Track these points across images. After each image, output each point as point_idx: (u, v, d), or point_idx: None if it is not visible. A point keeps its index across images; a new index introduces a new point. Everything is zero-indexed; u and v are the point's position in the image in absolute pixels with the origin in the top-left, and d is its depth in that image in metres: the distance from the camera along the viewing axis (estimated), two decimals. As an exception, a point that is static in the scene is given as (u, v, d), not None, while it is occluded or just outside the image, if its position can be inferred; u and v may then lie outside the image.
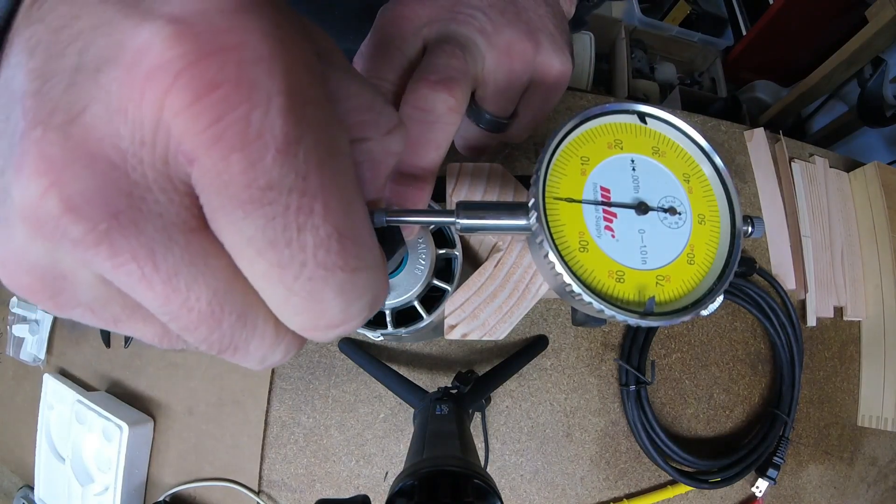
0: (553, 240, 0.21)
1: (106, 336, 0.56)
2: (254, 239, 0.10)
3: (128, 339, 0.56)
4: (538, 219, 0.21)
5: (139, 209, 0.10)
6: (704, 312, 0.22)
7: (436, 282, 0.30)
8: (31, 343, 0.58)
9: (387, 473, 0.52)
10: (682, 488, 0.53)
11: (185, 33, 0.09)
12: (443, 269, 0.31)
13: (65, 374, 0.58)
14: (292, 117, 0.10)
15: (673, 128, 0.25)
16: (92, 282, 0.11)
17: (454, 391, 0.44)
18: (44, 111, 0.10)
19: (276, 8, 0.11)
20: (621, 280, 0.22)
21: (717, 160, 0.25)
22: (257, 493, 0.51)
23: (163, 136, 0.10)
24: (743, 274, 0.58)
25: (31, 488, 0.55)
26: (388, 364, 0.50)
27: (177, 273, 0.11)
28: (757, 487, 0.55)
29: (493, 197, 0.29)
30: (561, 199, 0.22)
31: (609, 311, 0.21)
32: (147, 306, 0.11)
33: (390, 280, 0.29)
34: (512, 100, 0.28)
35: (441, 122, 0.22)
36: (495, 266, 0.28)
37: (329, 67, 0.14)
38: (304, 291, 0.11)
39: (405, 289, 0.29)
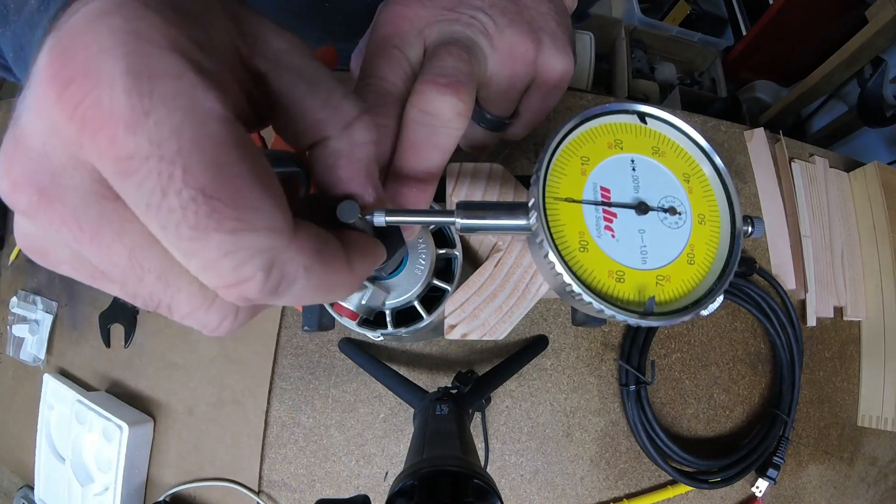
0: (553, 240, 0.21)
1: (106, 336, 0.56)
2: (137, 204, 0.12)
3: (128, 339, 0.56)
4: (538, 219, 0.21)
5: (60, 184, 0.13)
6: (704, 312, 0.22)
7: (436, 282, 0.30)
8: (31, 343, 0.58)
9: (387, 473, 0.52)
10: (682, 488, 0.53)
11: (57, 44, 0.12)
12: (443, 269, 0.31)
13: (65, 374, 0.58)
14: (136, 92, 0.11)
15: (673, 128, 0.25)
16: (60, 244, 0.14)
17: (454, 391, 0.44)
18: (11, 117, 0.13)
19: (143, 4, 0.12)
20: (621, 280, 0.22)
21: (717, 160, 0.25)
22: (257, 493, 0.51)
23: (58, 127, 0.12)
24: (743, 274, 0.58)
25: (31, 488, 0.55)
26: (388, 364, 0.50)
27: (98, 232, 0.13)
28: (757, 487, 0.55)
29: (493, 197, 0.29)
30: (561, 199, 0.22)
31: (609, 311, 0.21)
32: (92, 263, 0.14)
33: (390, 280, 0.29)
34: (514, 100, 0.28)
35: (448, 126, 0.22)
36: (495, 266, 0.28)
37: (277, 64, 0.16)
38: (189, 250, 0.12)
39: (405, 289, 0.29)
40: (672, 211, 0.23)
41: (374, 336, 0.30)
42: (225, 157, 0.12)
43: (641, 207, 0.23)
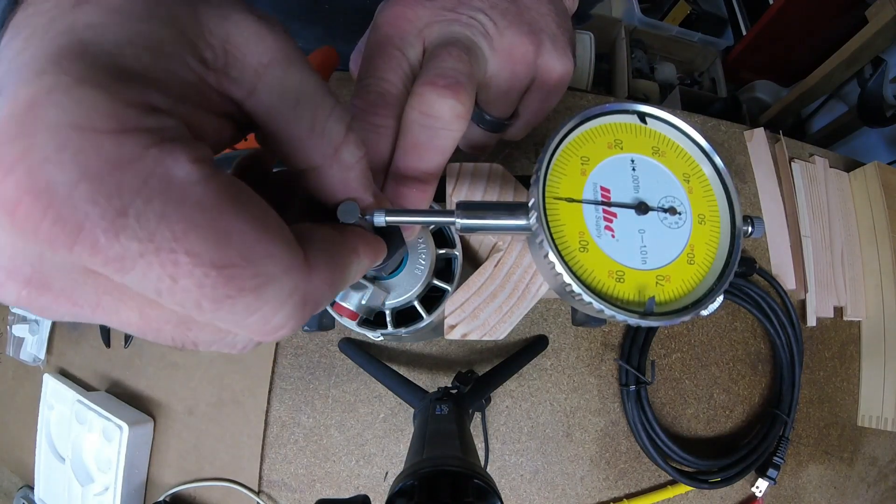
0: (553, 240, 0.21)
1: (106, 336, 0.56)
2: (144, 290, 0.11)
3: (128, 339, 0.56)
4: (538, 219, 0.21)
5: (43, 272, 0.12)
6: (704, 312, 0.22)
7: (436, 282, 0.30)
8: (31, 343, 0.58)
9: (387, 473, 0.52)
10: (682, 488, 0.53)
11: None
12: (443, 269, 0.31)
13: (65, 374, 0.58)
14: (101, 196, 0.10)
15: (673, 128, 0.25)
16: (65, 315, 0.14)
17: (454, 391, 0.44)
18: None
19: (78, 79, 0.11)
20: (621, 280, 0.22)
21: (717, 160, 0.25)
22: (257, 493, 0.51)
23: (24, 245, 0.11)
24: (743, 274, 0.58)
25: (31, 488, 0.55)
26: (388, 364, 0.50)
27: (98, 304, 0.13)
28: (757, 487, 0.55)
29: (493, 197, 0.29)
30: (561, 198, 0.22)
31: (609, 311, 0.21)
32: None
33: (390, 280, 0.29)
34: (513, 102, 0.28)
35: (447, 128, 0.22)
36: (495, 266, 0.28)
37: (256, 88, 0.14)
38: (215, 318, 0.12)
39: (405, 289, 0.29)
40: (672, 211, 0.23)
41: (374, 336, 0.30)
42: (222, 220, 0.11)
43: (641, 207, 0.23)
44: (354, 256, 0.16)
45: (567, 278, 0.21)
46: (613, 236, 0.22)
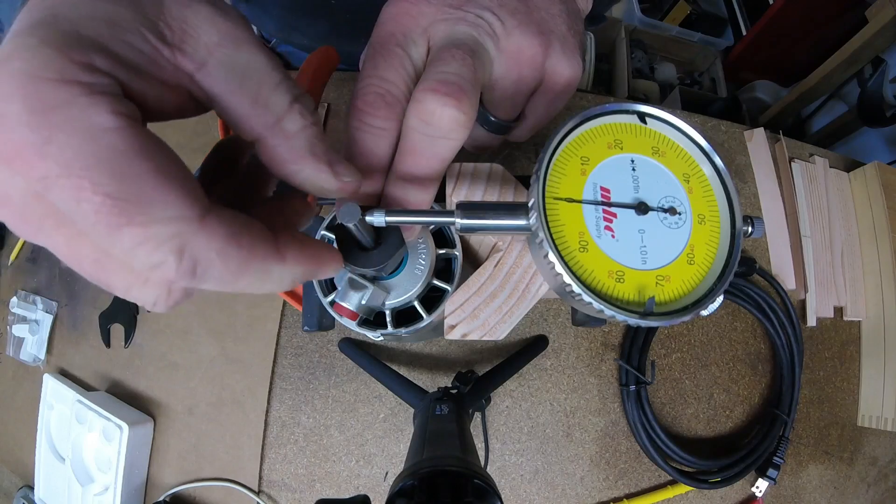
0: (553, 240, 0.21)
1: (106, 336, 0.56)
2: (62, 209, 0.14)
3: (128, 339, 0.56)
4: (538, 219, 0.21)
5: (5, 191, 0.15)
6: (704, 312, 0.22)
7: (436, 282, 0.30)
8: (31, 343, 0.58)
9: (387, 473, 0.52)
10: (682, 488, 0.53)
11: None
12: (443, 269, 0.31)
13: (65, 374, 0.58)
14: (36, 125, 0.13)
15: (673, 128, 0.25)
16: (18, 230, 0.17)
17: (454, 391, 0.44)
18: None
19: (41, 40, 0.14)
20: (621, 280, 0.22)
21: (717, 160, 0.25)
22: (257, 493, 0.51)
23: None
24: (743, 274, 0.58)
25: (31, 488, 0.55)
26: (388, 364, 0.50)
27: (41, 225, 0.15)
28: (757, 487, 0.55)
29: (493, 197, 0.29)
30: (561, 199, 0.22)
31: (609, 311, 0.21)
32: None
33: (390, 280, 0.29)
34: (519, 104, 0.28)
35: (447, 137, 0.21)
36: (495, 266, 0.28)
37: (208, 61, 0.17)
38: (110, 245, 0.15)
39: (405, 289, 0.29)
40: (672, 211, 0.23)
41: (374, 336, 0.30)
42: (125, 162, 0.14)
43: (641, 207, 0.23)
44: (267, 247, 0.17)
45: (567, 278, 0.21)
46: (613, 236, 0.22)
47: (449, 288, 0.30)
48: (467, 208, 0.21)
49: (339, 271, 0.21)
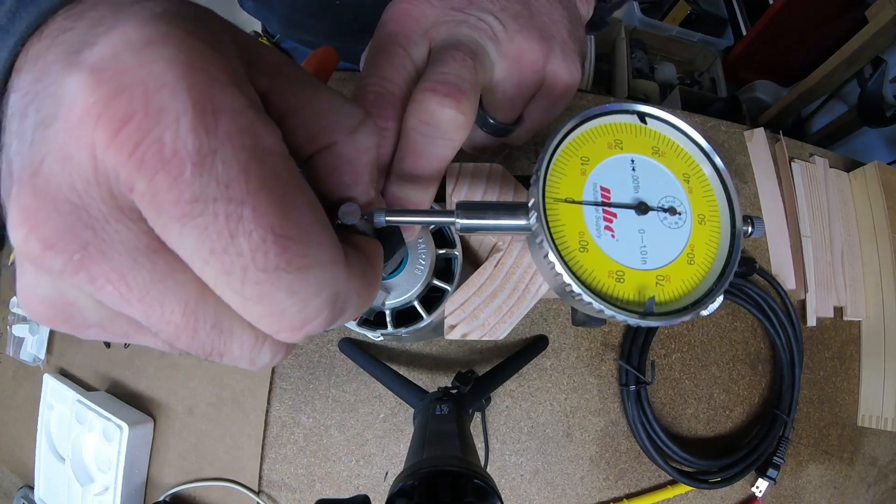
0: (553, 240, 0.21)
1: (106, 336, 0.56)
2: (197, 250, 0.11)
3: (128, 339, 0.56)
4: (538, 219, 0.21)
5: (103, 239, 0.11)
6: (704, 312, 0.22)
7: (436, 282, 0.30)
8: (31, 343, 0.58)
9: (387, 473, 0.52)
10: (682, 488, 0.53)
11: (100, 78, 0.11)
12: (443, 269, 0.31)
13: (65, 374, 0.58)
14: (202, 130, 0.11)
15: (673, 128, 0.25)
16: (94, 305, 0.13)
17: (454, 391, 0.44)
18: (18, 168, 0.11)
19: (188, 32, 0.11)
20: (621, 280, 0.22)
21: (717, 160, 0.25)
22: (257, 493, 0.51)
23: (102, 172, 0.11)
24: (743, 274, 0.58)
25: (31, 488, 0.55)
26: (388, 364, 0.50)
27: (148, 290, 0.12)
28: (757, 487, 0.55)
29: (493, 197, 0.29)
30: (561, 199, 0.22)
31: (609, 311, 0.21)
32: (138, 320, 0.13)
33: (390, 280, 0.29)
34: (518, 107, 0.28)
35: (446, 138, 0.21)
36: (495, 266, 0.28)
37: (277, 79, 0.15)
38: (255, 295, 0.12)
39: (405, 289, 0.29)
40: (672, 211, 0.23)
41: (374, 336, 0.30)
42: (289, 193, 0.12)
43: (641, 207, 0.23)
44: (375, 274, 0.16)
45: (567, 278, 0.21)
46: (613, 236, 0.22)
47: (449, 288, 0.30)
48: (467, 208, 0.21)
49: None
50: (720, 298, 0.23)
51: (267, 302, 0.12)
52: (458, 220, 0.21)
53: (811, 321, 0.60)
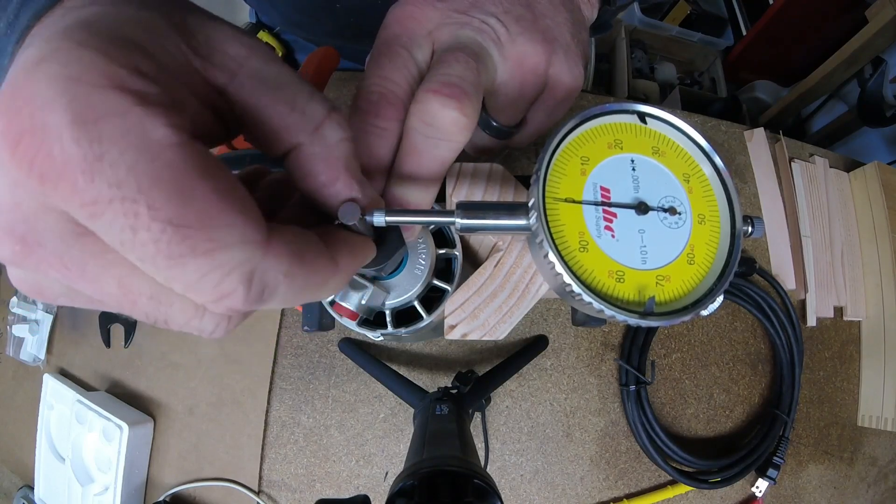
0: (553, 240, 0.21)
1: (106, 336, 0.56)
2: (111, 241, 0.12)
3: (128, 339, 0.56)
4: (538, 219, 0.21)
5: (37, 230, 0.13)
6: (704, 312, 0.22)
7: (436, 282, 0.30)
8: (31, 343, 0.58)
9: (387, 473, 0.52)
10: (682, 488, 0.53)
11: (2, 100, 0.12)
12: (443, 269, 0.31)
13: (65, 374, 0.58)
14: (85, 139, 0.11)
15: (673, 128, 0.25)
16: (52, 281, 0.15)
17: (454, 391, 0.44)
18: None
19: (78, 43, 0.12)
20: (621, 280, 0.22)
21: (717, 160, 0.25)
22: (257, 493, 0.51)
23: (20, 181, 0.12)
24: (743, 274, 0.58)
25: (31, 488, 0.55)
26: (388, 364, 0.50)
27: (84, 269, 0.14)
28: (757, 487, 0.55)
29: (493, 197, 0.29)
30: (561, 199, 0.22)
31: (609, 311, 0.21)
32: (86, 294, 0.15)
33: (390, 280, 0.29)
34: (521, 110, 0.28)
35: (448, 139, 0.21)
36: (495, 266, 0.28)
37: (238, 75, 0.16)
38: (168, 276, 0.13)
39: (405, 289, 0.29)
40: (672, 211, 0.23)
41: (374, 336, 0.30)
42: (186, 182, 0.12)
43: (641, 207, 0.23)
44: (326, 260, 0.16)
45: (567, 278, 0.21)
46: (613, 236, 0.22)
47: (449, 288, 0.30)
48: (467, 208, 0.21)
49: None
50: (720, 298, 0.23)
51: (180, 280, 0.13)
52: (458, 220, 0.21)
53: (811, 321, 0.60)
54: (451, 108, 0.20)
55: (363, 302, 0.27)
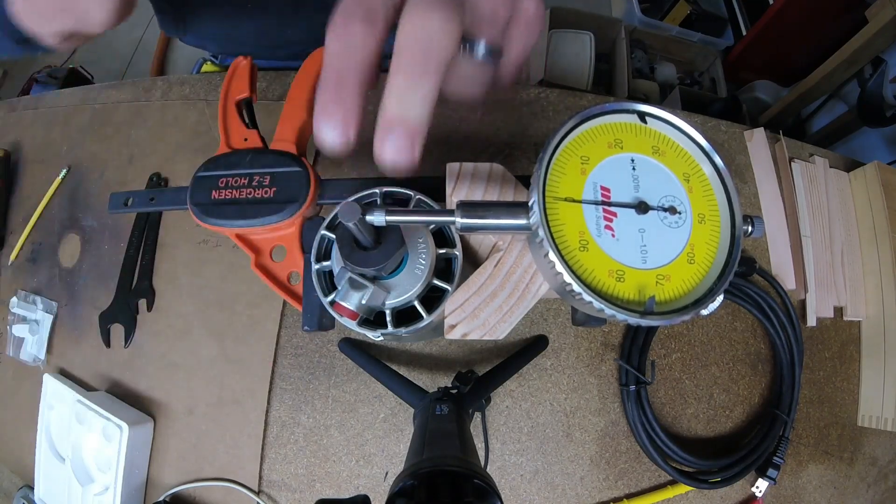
0: (553, 239, 0.21)
1: (106, 336, 0.56)
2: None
3: (128, 339, 0.56)
4: (538, 218, 0.21)
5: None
6: (704, 312, 0.22)
7: (436, 282, 0.30)
8: (31, 343, 0.58)
9: (387, 473, 0.52)
10: (682, 488, 0.53)
11: None
12: (443, 269, 0.31)
13: (65, 374, 0.58)
14: None
15: (673, 127, 0.25)
16: None
17: (454, 391, 0.44)
18: None
19: None
20: (621, 279, 0.22)
21: (717, 160, 0.25)
22: (257, 493, 0.51)
23: None
24: (743, 274, 0.58)
25: (31, 488, 0.55)
26: (388, 364, 0.50)
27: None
28: (757, 487, 0.55)
29: (493, 196, 0.29)
30: (560, 198, 0.22)
31: (609, 311, 0.21)
32: None
33: (390, 280, 0.29)
34: (499, 21, 0.28)
35: (439, 46, 0.21)
36: (495, 266, 0.28)
37: None
38: None
39: (405, 289, 0.29)
40: (672, 210, 0.23)
41: (374, 336, 0.30)
42: None
43: (641, 207, 0.23)
44: None
45: (567, 278, 0.21)
46: (613, 236, 0.22)
47: (449, 288, 0.30)
48: (467, 207, 0.21)
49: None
50: (720, 298, 0.23)
51: None
52: (458, 220, 0.21)
53: (811, 321, 0.60)
54: (436, 11, 0.21)
55: (363, 302, 0.27)
